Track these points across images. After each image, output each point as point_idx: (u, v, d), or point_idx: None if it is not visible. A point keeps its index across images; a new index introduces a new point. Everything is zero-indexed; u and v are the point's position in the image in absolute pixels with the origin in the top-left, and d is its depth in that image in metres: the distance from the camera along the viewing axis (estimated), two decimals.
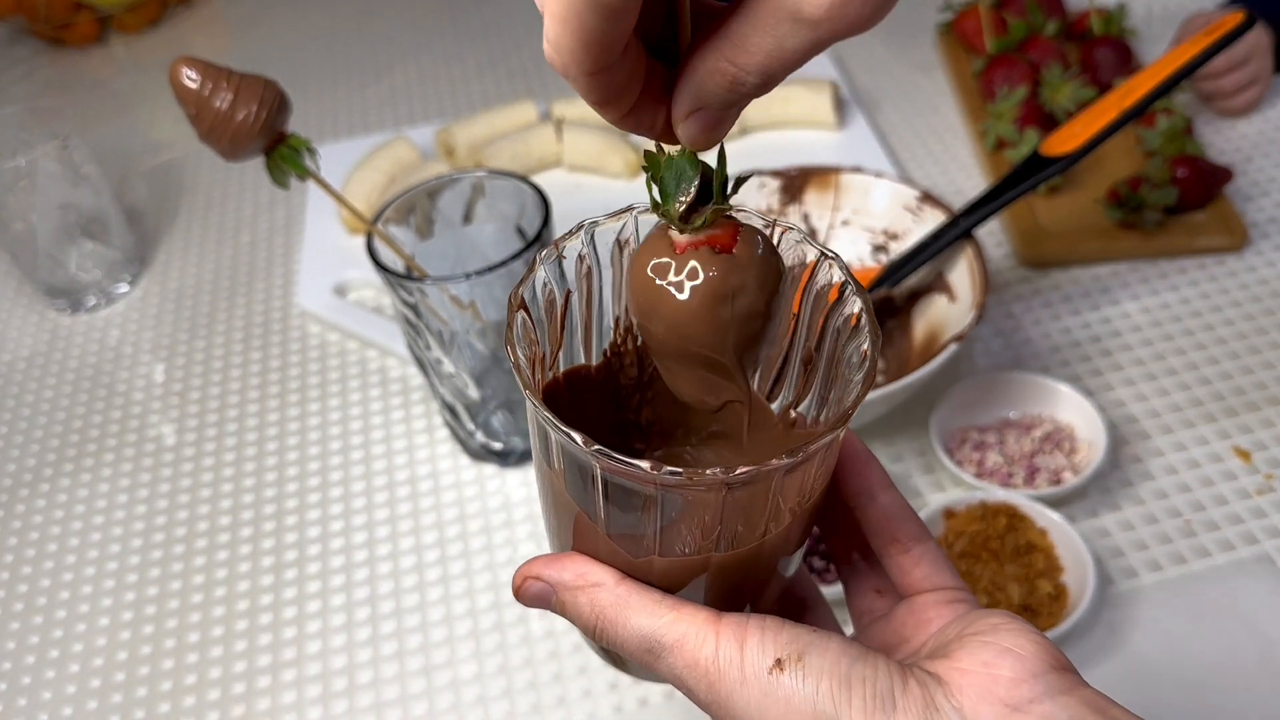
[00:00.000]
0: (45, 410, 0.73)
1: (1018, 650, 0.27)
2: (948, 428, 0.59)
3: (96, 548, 0.63)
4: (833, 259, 0.31)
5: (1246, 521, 0.55)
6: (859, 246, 0.67)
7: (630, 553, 0.30)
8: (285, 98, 0.51)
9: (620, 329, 0.35)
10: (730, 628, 0.28)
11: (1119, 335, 0.66)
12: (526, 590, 0.32)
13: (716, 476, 0.26)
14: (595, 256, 0.33)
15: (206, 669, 0.55)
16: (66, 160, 0.75)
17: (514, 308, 0.30)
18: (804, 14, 0.23)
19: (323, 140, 0.96)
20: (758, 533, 0.30)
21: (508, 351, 0.29)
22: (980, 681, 0.26)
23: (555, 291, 0.32)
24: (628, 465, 0.26)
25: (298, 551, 0.61)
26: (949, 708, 0.26)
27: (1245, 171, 0.77)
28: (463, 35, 1.11)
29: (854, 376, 0.30)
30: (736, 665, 0.27)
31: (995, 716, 0.26)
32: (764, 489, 0.28)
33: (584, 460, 0.28)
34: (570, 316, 0.34)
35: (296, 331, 0.76)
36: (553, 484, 0.31)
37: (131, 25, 1.18)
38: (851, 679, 0.27)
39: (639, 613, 0.29)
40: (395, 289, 0.55)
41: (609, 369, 0.36)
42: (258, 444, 0.68)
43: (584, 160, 0.84)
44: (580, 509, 0.30)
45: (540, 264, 0.31)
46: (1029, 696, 0.26)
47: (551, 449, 0.30)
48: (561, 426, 0.27)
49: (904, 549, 0.33)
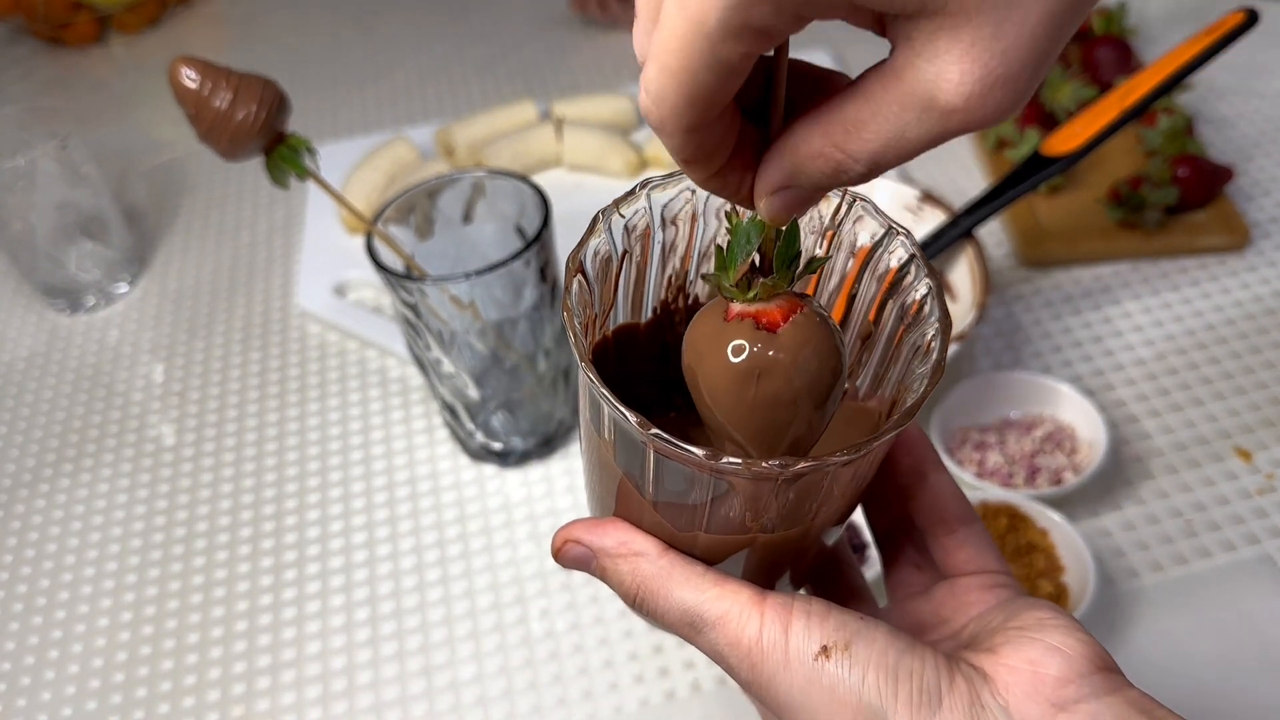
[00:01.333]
0: (44, 410, 0.73)
1: (1065, 649, 0.27)
2: (949, 428, 0.59)
3: (96, 548, 0.62)
4: (902, 234, 0.30)
5: (1248, 521, 0.55)
6: None
7: (675, 525, 0.30)
8: (285, 97, 0.51)
9: (672, 287, 0.35)
10: (775, 609, 0.28)
11: (1120, 335, 0.66)
12: (567, 553, 0.31)
13: (774, 470, 0.26)
14: (652, 216, 0.32)
15: (206, 669, 0.55)
16: (65, 160, 0.74)
17: (571, 272, 0.30)
18: (938, 103, 0.20)
19: (322, 140, 0.96)
20: (807, 515, 0.29)
21: (564, 319, 0.29)
22: (1026, 680, 0.26)
23: (613, 252, 0.32)
24: (683, 450, 0.26)
25: (297, 552, 0.60)
26: (995, 705, 0.26)
27: (1246, 171, 0.77)
28: (462, 35, 1.10)
29: (919, 369, 0.29)
30: (781, 648, 0.27)
31: (1041, 716, 0.26)
32: (818, 478, 0.28)
33: (637, 438, 0.27)
34: (622, 279, 0.33)
35: (296, 331, 0.76)
36: (600, 452, 0.31)
37: (131, 25, 1.17)
38: (899, 672, 0.26)
39: (682, 585, 0.29)
40: (395, 289, 0.55)
41: (658, 325, 0.35)
42: (257, 444, 0.68)
43: (584, 160, 0.84)
44: (626, 477, 0.30)
45: (601, 225, 0.31)
46: (1075, 697, 0.26)
47: (603, 419, 0.29)
48: (618, 405, 0.27)
49: (950, 530, 0.32)
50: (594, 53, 1.04)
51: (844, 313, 0.33)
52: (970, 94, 0.20)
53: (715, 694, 0.51)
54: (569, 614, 0.55)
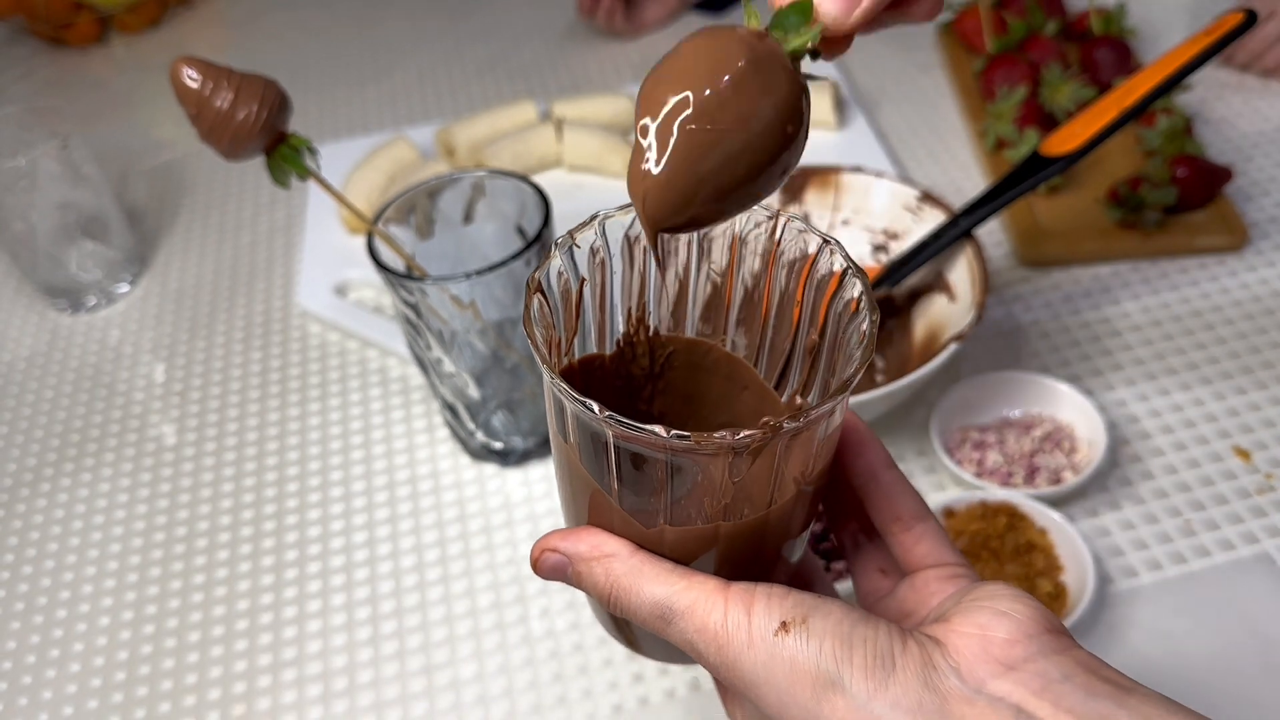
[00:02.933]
0: (45, 410, 0.73)
1: (1013, 614, 0.28)
2: (948, 427, 0.59)
3: (97, 547, 0.63)
4: (833, 245, 0.32)
5: (1246, 521, 0.55)
6: (859, 246, 0.67)
7: (643, 524, 0.31)
8: (286, 97, 0.51)
9: (632, 320, 0.36)
10: (738, 594, 0.29)
11: (1119, 335, 0.66)
12: (544, 562, 0.33)
13: (725, 440, 0.27)
14: (607, 248, 0.33)
15: (207, 668, 0.55)
16: (66, 160, 0.75)
17: (531, 290, 0.31)
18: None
19: (323, 140, 0.96)
20: (764, 503, 0.30)
21: (526, 330, 0.30)
22: (976, 643, 0.27)
23: (570, 280, 0.33)
24: (639, 430, 0.27)
25: (298, 551, 0.61)
26: (946, 667, 0.27)
27: (1245, 171, 0.77)
28: (463, 36, 1.11)
29: (854, 352, 0.31)
30: (744, 629, 0.29)
31: (991, 674, 0.27)
32: (769, 458, 0.29)
33: (597, 429, 0.29)
34: (584, 306, 0.34)
35: (297, 331, 0.76)
36: (568, 458, 0.32)
37: (132, 25, 1.18)
38: (853, 640, 0.28)
39: (652, 581, 0.30)
40: (395, 289, 0.55)
41: (622, 359, 0.37)
42: (258, 444, 0.68)
43: (584, 160, 0.84)
44: (595, 483, 0.31)
45: (556, 252, 0.32)
46: (1023, 656, 0.27)
47: (567, 423, 0.31)
48: (576, 396, 0.28)
49: (905, 526, 0.34)
50: (594, 53, 1.04)
51: (794, 329, 0.35)
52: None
53: (713, 694, 0.51)
54: (569, 613, 0.55)
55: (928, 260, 0.61)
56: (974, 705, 0.26)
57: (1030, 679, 0.26)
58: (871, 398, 0.53)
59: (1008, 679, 0.26)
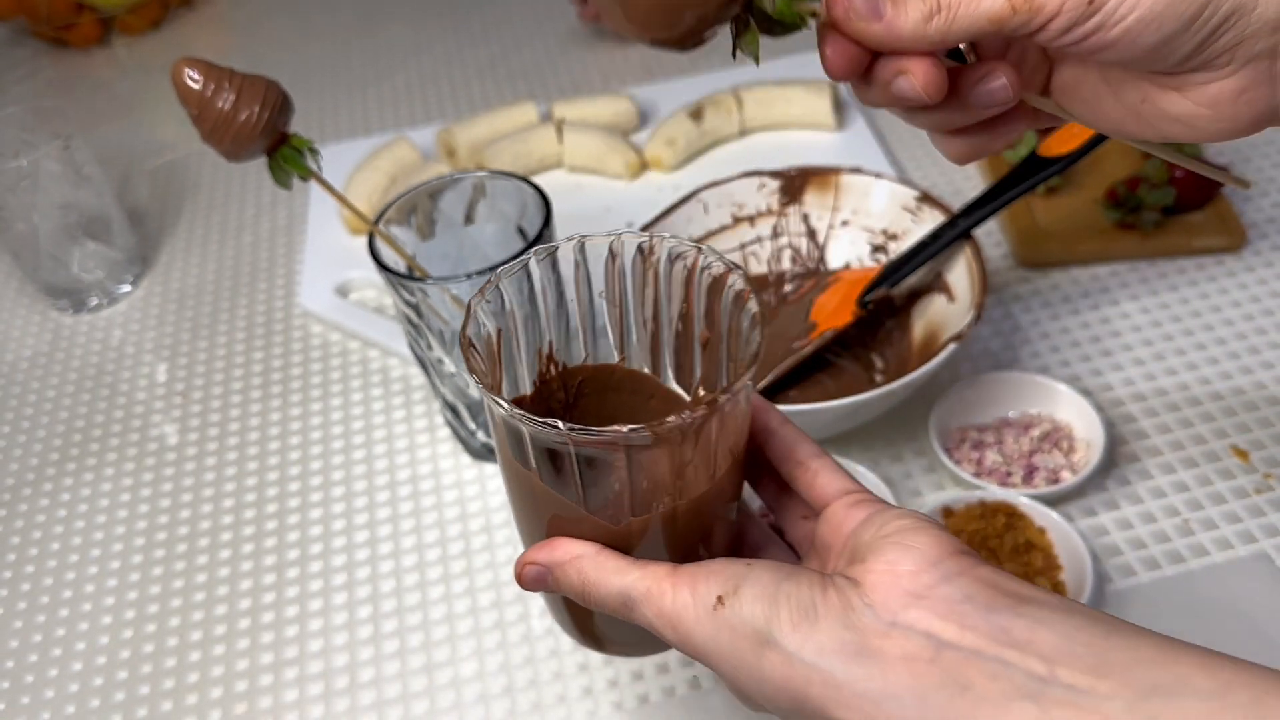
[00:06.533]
0: (48, 410, 0.73)
1: (917, 546, 0.31)
2: (947, 427, 0.60)
3: (99, 547, 0.63)
4: (706, 251, 0.37)
5: (1244, 520, 0.55)
6: (858, 247, 0.68)
7: (611, 522, 0.35)
8: (287, 98, 0.51)
9: (543, 358, 0.41)
10: (683, 577, 0.33)
11: (1118, 335, 0.66)
12: (526, 575, 0.37)
13: (675, 422, 0.31)
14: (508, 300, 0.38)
15: (209, 667, 0.56)
16: (68, 161, 0.75)
17: (465, 347, 0.35)
18: None
19: (324, 141, 0.96)
20: (709, 477, 0.35)
21: (475, 378, 0.34)
22: (887, 579, 0.30)
23: (489, 331, 0.38)
24: (601, 433, 0.31)
25: (300, 550, 0.61)
26: (862, 606, 0.30)
27: (1243, 172, 0.77)
28: (464, 37, 1.11)
29: (752, 333, 0.35)
30: (690, 608, 0.32)
31: (902, 606, 0.30)
32: (709, 436, 0.34)
33: (559, 446, 0.33)
34: (506, 350, 0.39)
35: (298, 331, 0.76)
36: (530, 483, 0.36)
37: (134, 26, 1.18)
38: (779, 598, 0.31)
39: (614, 574, 0.34)
40: (397, 289, 0.55)
41: (540, 395, 0.41)
42: (260, 443, 0.68)
43: (584, 161, 0.84)
44: (561, 497, 0.35)
45: (474, 307, 0.36)
46: (929, 583, 0.30)
47: (526, 449, 0.35)
48: (538, 419, 0.32)
49: (805, 468, 0.37)
50: (594, 55, 1.04)
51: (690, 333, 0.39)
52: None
53: (713, 690, 0.51)
54: None
55: (927, 261, 0.62)
56: (889, 637, 0.29)
57: (936, 604, 0.29)
58: (870, 397, 0.54)
59: (917, 607, 0.29)
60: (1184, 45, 0.32)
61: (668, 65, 1.00)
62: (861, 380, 0.64)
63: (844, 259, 0.68)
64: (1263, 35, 0.32)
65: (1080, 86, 0.38)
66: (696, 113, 0.84)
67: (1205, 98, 0.34)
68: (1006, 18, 0.32)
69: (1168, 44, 0.32)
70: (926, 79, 0.33)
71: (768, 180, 0.68)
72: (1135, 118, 0.36)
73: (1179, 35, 0.32)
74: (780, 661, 0.30)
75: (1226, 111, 0.34)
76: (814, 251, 0.69)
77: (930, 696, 0.28)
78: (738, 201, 0.68)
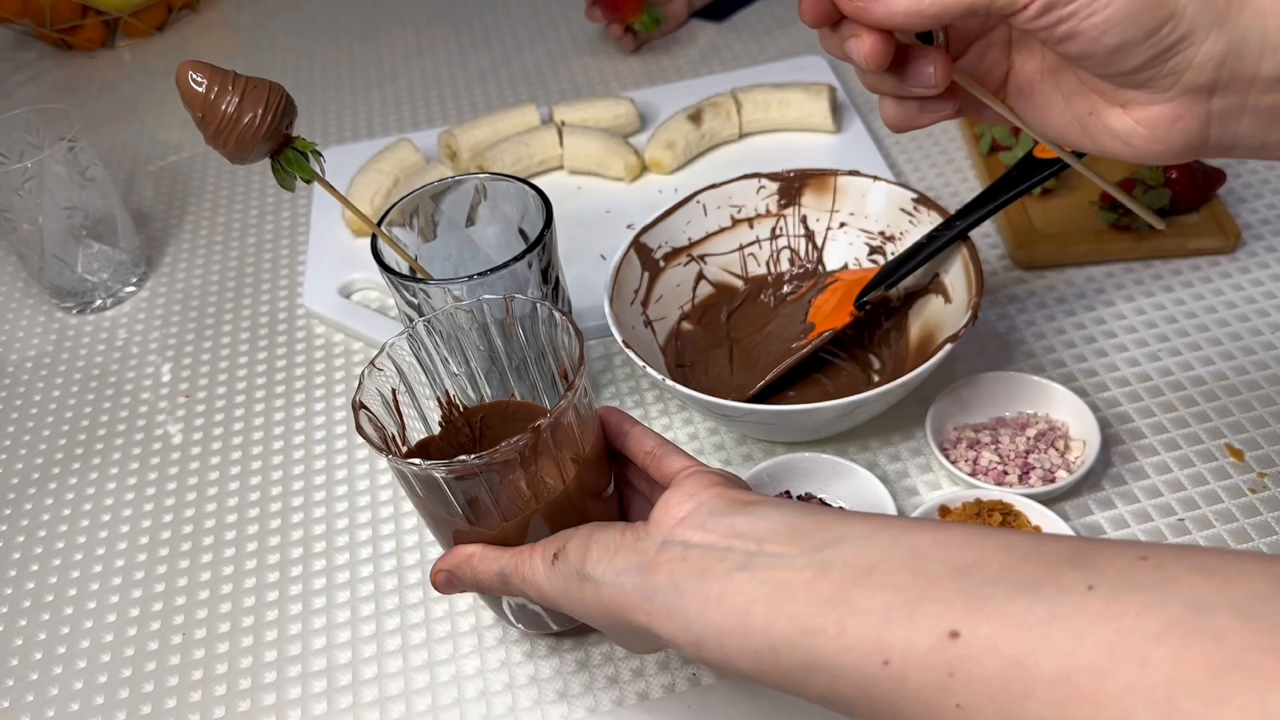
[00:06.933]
0: (53, 409, 0.74)
1: (685, 485, 0.40)
2: (943, 426, 0.60)
3: (104, 545, 0.63)
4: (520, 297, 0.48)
5: (1239, 519, 0.56)
6: (856, 248, 0.68)
7: (488, 528, 0.45)
8: (291, 101, 0.52)
9: (444, 404, 0.51)
10: (536, 548, 0.43)
11: (1114, 335, 0.67)
12: (439, 581, 0.46)
13: (507, 446, 0.41)
14: (400, 363, 0.48)
15: (213, 664, 0.56)
16: (73, 162, 0.76)
17: (356, 410, 0.45)
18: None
19: (327, 143, 0.97)
20: (561, 480, 0.44)
21: (362, 437, 0.44)
22: (663, 512, 0.39)
23: (383, 391, 0.47)
24: (454, 462, 0.41)
25: (303, 548, 0.61)
26: (646, 535, 0.39)
27: (1239, 173, 0.77)
28: (465, 41, 1.12)
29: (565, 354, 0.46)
30: (541, 571, 0.42)
31: (671, 529, 0.39)
32: (546, 449, 0.43)
33: (429, 476, 0.42)
34: (404, 404, 0.48)
35: (301, 332, 0.77)
36: (424, 507, 0.46)
37: (138, 29, 1.19)
38: (591, 545, 0.40)
39: (493, 561, 0.44)
40: (399, 290, 0.55)
41: (447, 434, 0.51)
42: (263, 442, 0.69)
43: (585, 163, 0.85)
44: (446, 515, 0.45)
45: (366, 377, 0.46)
46: (690, 509, 0.39)
47: (411, 483, 0.45)
48: (408, 461, 0.42)
49: (653, 455, 0.46)
50: (595, 59, 1.05)
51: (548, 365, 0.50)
52: None
53: (713, 688, 0.52)
54: None
55: (924, 262, 0.62)
56: (661, 552, 0.38)
57: (690, 520, 0.38)
58: (868, 397, 0.54)
59: (680, 527, 0.38)
60: (1139, 55, 0.36)
61: (667, 70, 1.01)
62: (859, 380, 0.64)
63: (842, 260, 0.69)
64: (1205, 69, 0.36)
65: (1034, 91, 0.43)
66: (696, 116, 0.85)
67: (1145, 118, 0.38)
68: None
69: (1126, 49, 0.36)
70: (871, 48, 0.39)
71: (766, 182, 0.69)
72: (1080, 128, 0.41)
73: (1138, 44, 0.35)
74: (592, 589, 0.39)
75: (1161, 134, 0.38)
76: (812, 253, 0.69)
77: (682, 584, 0.37)
78: (736, 203, 0.69)
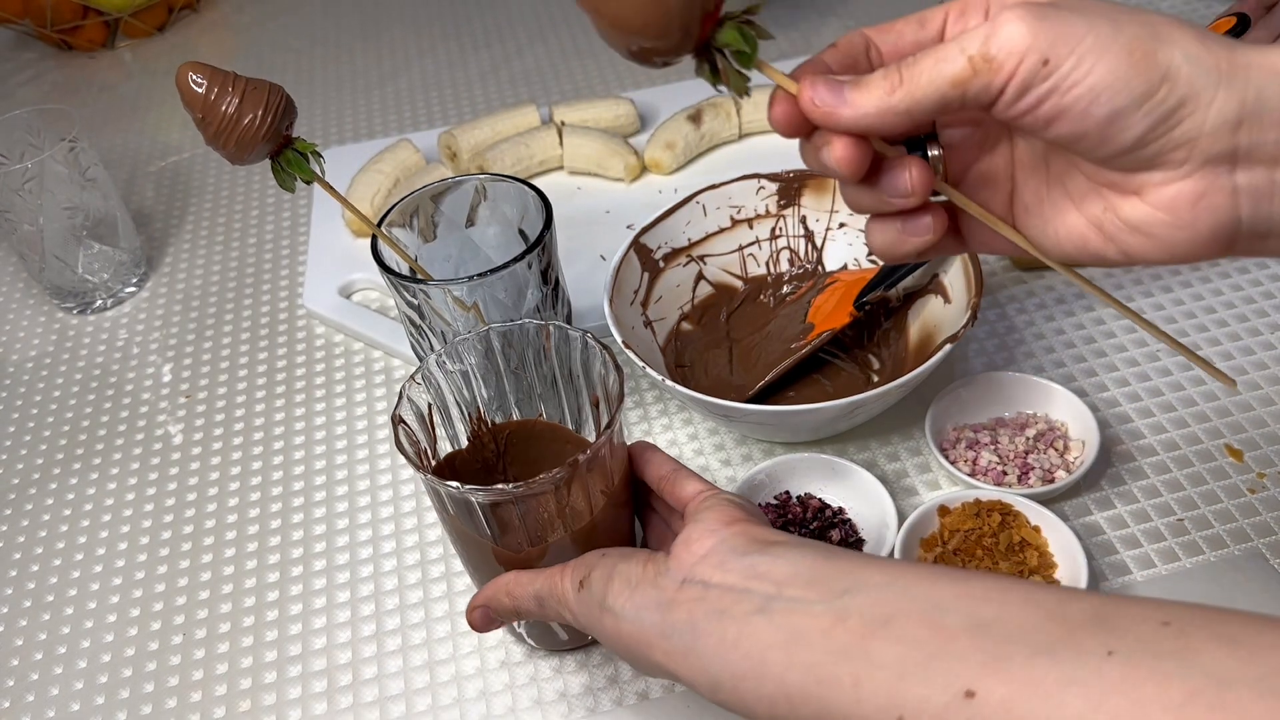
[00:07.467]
0: (53, 410, 0.74)
1: (705, 521, 0.40)
2: (942, 426, 0.60)
3: (104, 545, 0.64)
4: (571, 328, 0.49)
5: (1238, 519, 0.56)
6: (855, 248, 0.68)
7: (513, 551, 0.46)
8: (291, 102, 0.52)
9: (473, 419, 0.52)
10: (563, 573, 0.43)
11: (1112, 336, 0.67)
12: (476, 619, 0.47)
13: (546, 478, 0.42)
14: (437, 377, 0.50)
15: (213, 664, 0.56)
16: (74, 163, 0.76)
17: (395, 424, 0.46)
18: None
19: (327, 144, 0.97)
20: (588, 512, 0.46)
21: (400, 451, 0.45)
22: (684, 548, 0.40)
23: (420, 407, 0.49)
24: (490, 490, 0.42)
25: (303, 549, 0.61)
26: (667, 571, 0.39)
27: None
28: (465, 42, 1.12)
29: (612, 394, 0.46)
30: (570, 595, 0.42)
31: (691, 566, 0.39)
32: (580, 483, 0.44)
33: (466, 498, 0.43)
34: (439, 419, 0.50)
35: (302, 332, 0.77)
36: (453, 526, 0.47)
37: (139, 30, 1.19)
38: (614, 576, 0.40)
39: (527, 585, 0.44)
40: (399, 291, 0.56)
41: (474, 449, 0.52)
42: (263, 443, 0.69)
43: (585, 164, 0.85)
44: (476, 535, 0.46)
45: (405, 392, 0.48)
46: (710, 547, 0.39)
47: (445, 502, 0.46)
48: (445, 482, 0.43)
49: (670, 480, 0.46)
50: (595, 60, 1.05)
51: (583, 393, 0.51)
52: None
53: None
54: None
55: (923, 263, 0.62)
56: (682, 589, 0.38)
57: (710, 558, 0.39)
58: (867, 397, 0.54)
59: (701, 565, 0.39)
60: (1137, 125, 0.32)
61: (667, 71, 1.00)
62: (858, 380, 0.64)
63: (841, 260, 0.69)
64: (1221, 135, 0.32)
65: (1043, 203, 0.39)
66: (695, 116, 0.85)
67: (1163, 200, 0.34)
68: (968, 79, 0.32)
69: (1120, 119, 0.32)
70: (844, 153, 0.35)
71: (766, 183, 0.69)
72: (1097, 232, 0.36)
73: (1133, 111, 0.32)
74: (612, 621, 0.40)
75: (1185, 217, 0.33)
76: (811, 253, 0.69)
77: (700, 624, 0.37)
78: (736, 204, 0.69)
